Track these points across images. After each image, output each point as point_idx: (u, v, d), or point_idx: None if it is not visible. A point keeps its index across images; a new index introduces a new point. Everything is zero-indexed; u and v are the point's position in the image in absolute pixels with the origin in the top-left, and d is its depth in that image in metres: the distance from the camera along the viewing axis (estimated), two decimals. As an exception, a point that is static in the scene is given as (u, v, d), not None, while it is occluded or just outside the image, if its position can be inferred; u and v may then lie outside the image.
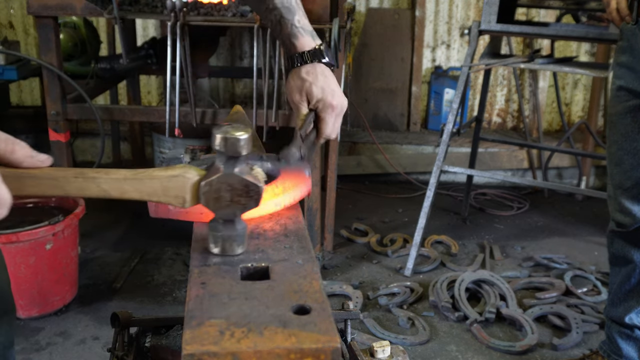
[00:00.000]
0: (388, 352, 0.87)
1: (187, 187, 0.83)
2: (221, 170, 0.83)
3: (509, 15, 3.11)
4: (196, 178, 0.83)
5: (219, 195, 0.83)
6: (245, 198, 0.84)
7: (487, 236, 3.61)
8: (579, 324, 2.61)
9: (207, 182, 0.83)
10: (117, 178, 0.81)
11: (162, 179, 0.82)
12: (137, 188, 0.82)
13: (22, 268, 2.48)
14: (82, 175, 0.80)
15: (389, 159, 4.32)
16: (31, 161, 0.77)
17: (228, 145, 0.81)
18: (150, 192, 0.83)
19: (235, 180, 0.83)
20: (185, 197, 0.83)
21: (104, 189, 0.81)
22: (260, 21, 2.66)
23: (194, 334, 0.70)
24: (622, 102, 2.03)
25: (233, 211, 0.85)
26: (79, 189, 0.80)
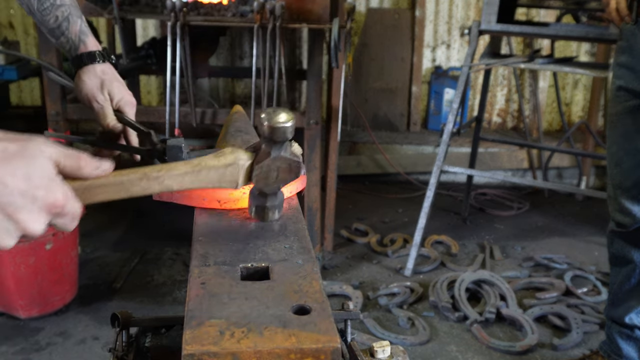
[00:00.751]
0: (388, 352, 0.87)
1: (240, 172, 0.91)
2: (271, 154, 0.91)
3: (509, 15, 3.11)
4: (248, 163, 0.91)
5: (267, 175, 0.92)
6: (289, 174, 0.93)
7: (487, 236, 3.61)
8: (579, 324, 2.61)
9: (259, 165, 0.91)
10: (178, 174, 0.86)
11: (218, 169, 0.89)
12: (196, 179, 0.87)
13: (22, 268, 2.48)
14: (146, 176, 0.85)
15: (389, 159, 4.32)
16: (97, 172, 0.80)
17: (279, 133, 0.89)
18: (207, 182, 0.89)
19: (282, 162, 0.92)
20: (238, 181, 0.91)
21: (166, 185, 0.86)
22: (260, 21, 2.66)
23: (194, 334, 0.70)
24: (622, 102, 2.03)
25: (278, 185, 0.95)
26: (144, 188, 0.85)
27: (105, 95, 1.23)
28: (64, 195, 0.72)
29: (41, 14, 1.24)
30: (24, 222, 0.68)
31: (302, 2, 2.69)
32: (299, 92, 4.56)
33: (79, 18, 1.26)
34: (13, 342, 2.47)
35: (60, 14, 1.24)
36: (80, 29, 1.25)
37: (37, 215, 0.69)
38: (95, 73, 1.23)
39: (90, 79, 1.23)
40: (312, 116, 2.90)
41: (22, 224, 0.68)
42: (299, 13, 2.71)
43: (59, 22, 1.24)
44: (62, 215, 0.73)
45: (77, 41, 1.25)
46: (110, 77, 1.24)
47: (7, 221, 0.67)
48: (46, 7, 1.24)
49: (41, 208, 0.69)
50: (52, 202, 0.70)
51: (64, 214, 0.73)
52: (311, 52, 2.89)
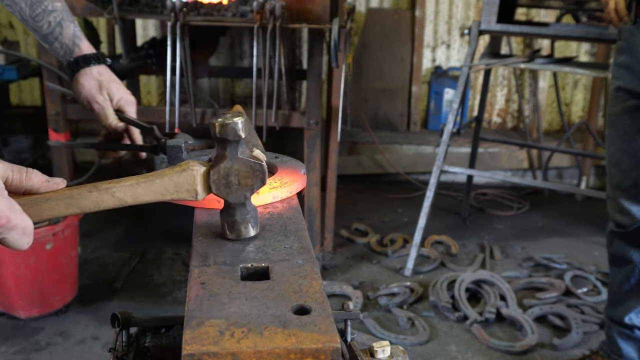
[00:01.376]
0: (388, 352, 0.87)
1: (197, 179, 0.87)
2: (226, 156, 0.87)
3: (509, 15, 3.11)
4: (203, 169, 0.87)
5: (227, 181, 0.88)
6: (252, 179, 0.88)
7: (487, 236, 3.61)
8: (579, 324, 2.61)
9: (215, 169, 0.87)
10: (130, 184, 0.84)
11: (172, 176, 0.86)
12: (150, 190, 0.85)
13: (22, 268, 2.48)
14: (96, 188, 0.82)
15: (389, 159, 4.32)
16: (47, 186, 0.80)
17: (228, 130, 0.85)
18: (163, 191, 0.86)
19: (240, 163, 0.87)
20: (197, 189, 0.87)
21: (119, 198, 0.84)
22: (260, 21, 2.66)
23: (194, 334, 0.70)
24: (621, 102, 2.03)
25: (243, 194, 0.89)
26: (95, 202, 0.83)
27: (104, 95, 1.24)
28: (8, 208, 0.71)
29: (34, 21, 1.24)
30: None
31: (302, 2, 2.69)
32: (299, 92, 4.56)
33: (72, 23, 1.26)
34: (13, 342, 2.47)
35: (52, 19, 1.24)
36: (73, 33, 1.26)
37: None
38: (92, 75, 1.24)
39: (88, 82, 1.24)
40: (312, 116, 2.90)
41: None
42: (299, 13, 2.71)
43: (52, 27, 1.24)
44: (7, 229, 0.72)
45: (71, 45, 1.25)
46: (108, 78, 1.25)
47: None
48: (38, 13, 1.24)
49: None
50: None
51: (9, 228, 0.72)
52: (311, 52, 2.89)
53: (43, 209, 0.80)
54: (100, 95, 1.24)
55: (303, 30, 4.27)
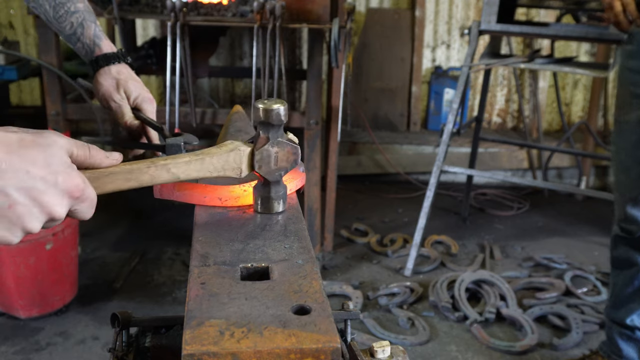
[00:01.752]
0: (388, 352, 0.87)
1: (243, 158, 0.94)
2: (268, 139, 0.95)
3: (509, 15, 3.11)
4: (249, 149, 0.95)
5: (268, 161, 0.95)
6: (287, 160, 0.97)
7: (487, 236, 3.61)
8: (579, 324, 2.62)
9: (259, 150, 0.94)
10: (184, 161, 0.89)
11: (221, 155, 0.92)
12: (201, 167, 0.91)
13: (22, 268, 2.48)
14: (154, 164, 0.87)
15: (389, 159, 4.32)
16: (108, 161, 0.83)
17: (273, 115, 0.93)
18: (212, 169, 0.92)
19: (280, 146, 0.96)
20: (242, 167, 0.95)
21: (173, 173, 0.88)
22: (260, 21, 2.66)
23: (194, 334, 0.70)
24: (636, 110, 1.99)
25: (279, 172, 0.97)
26: (152, 177, 0.87)
27: (121, 94, 1.25)
28: (83, 180, 0.75)
29: (57, 22, 1.28)
30: (48, 205, 0.71)
31: (302, 2, 2.69)
32: (299, 92, 4.56)
33: (93, 22, 1.28)
34: (13, 342, 2.47)
35: (75, 20, 1.27)
36: (94, 33, 1.28)
37: (60, 199, 0.72)
38: (110, 74, 1.26)
39: (106, 80, 1.25)
40: (312, 116, 2.90)
41: (47, 207, 0.71)
42: (299, 13, 2.71)
43: (74, 28, 1.27)
44: (81, 200, 0.76)
45: (92, 45, 1.28)
46: (126, 77, 1.27)
47: (32, 205, 0.70)
48: (61, 14, 1.26)
49: (63, 192, 0.72)
50: (72, 186, 0.73)
51: (83, 199, 0.76)
52: (311, 52, 2.89)
53: (105, 182, 0.84)
54: (118, 93, 1.25)
55: (303, 30, 4.27)
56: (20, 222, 0.70)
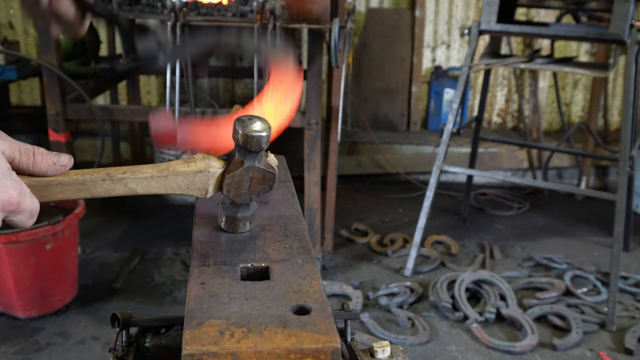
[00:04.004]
0: (388, 352, 0.87)
1: (211, 180, 0.88)
2: (243, 164, 0.87)
3: (509, 15, 3.11)
4: (219, 171, 0.88)
5: (239, 185, 0.89)
6: (262, 185, 0.90)
7: (487, 236, 3.61)
8: (578, 324, 2.62)
9: (231, 175, 0.87)
10: (144, 177, 0.84)
11: (187, 175, 0.86)
12: (162, 184, 0.85)
13: (22, 268, 2.48)
14: (110, 177, 0.82)
15: (389, 159, 4.31)
16: (55, 168, 0.78)
17: (253, 142, 0.85)
18: (175, 187, 0.86)
19: (255, 172, 0.88)
20: (208, 189, 0.88)
21: (131, 188, 0.84)
22: (260, 21, 2.66)
23: (194, 334, 0.70)
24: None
25: (250, 196, 0.91)
26: (107, 190, 0.83)
27: None
28: (19, 192, 0.71)
29: None
30: None
31: (302, 2, 2.69)
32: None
33: None
34: (13, 342, 2.47)
35: None
36: None
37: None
38: None
39: None
40: (312, 116, 2.90)
41: None
42: (299, 13, 2.71)
43: None
44: (17, 212, 0.71)
45: None
46: None
47: None
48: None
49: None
50: (5, 199, 0.69)
51: (19, 212, 0.72)
52: (311, 52, 2.89)
53: (53, 191, 0.79)
54: None
55: (303, 30, 4.27)
56: None
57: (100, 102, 4.20)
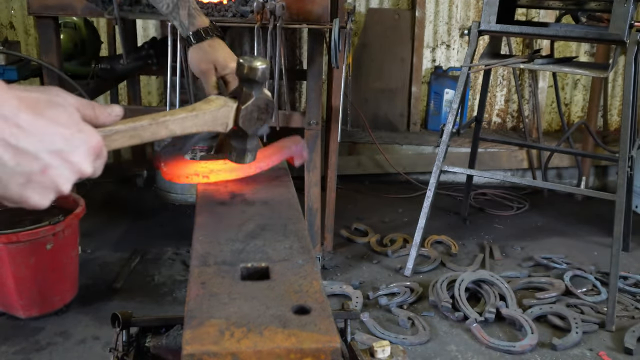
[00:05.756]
0: (388, 352, 0.88)
1: (230, 114, 1.00)
2: (252, 95, 1.00)
3: (509, 15, 3.11)
4: (235, 105, 1.01)
5: (252, 116, 1.02)
6: (265, 114, 1.03)
7: (487, 236, 3.61)
8: (578, 324, 2.62)
9: (245, 106, 1.00)
10: (180, 117, 0.93)
11: (212, 112, 0.97)
12: (195, 123, 0.95)
13: (22, 268, 2.48)
14: (155, 121, 0.90)
15: (389, 159, 4.32)
16: (111, 118, 0.83)
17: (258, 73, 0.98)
18: (203, 124, 0.97)
19: (262, 102, 1.02)
20: (228, 123, 1.00)
21: (171, 129, 0.92)
22: (260, 22, 2.66)
23: (194, 334, 0.70)
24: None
25: (256, 126, 1.03)
26: (152, 133, 0.90)
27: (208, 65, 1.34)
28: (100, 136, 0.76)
29: (155, 2, 1.41)
30: (78, 164, 0.71)
31: (302, 2, 2.69)
32: (299, 92, 4.56)
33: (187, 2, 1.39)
34: (13, 342, 2.47)
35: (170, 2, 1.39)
36: (188, 12, 1.39)
37: (86, 156, 0.73)
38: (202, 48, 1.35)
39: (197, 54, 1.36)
40: (312, 116, 2.90)
41: (77, 166, 0.71)
42: (299, 13, 2.71)
43: (170, 9, 1.39)
44: (100, 156, 0.76)
45: (187, 24, 1.38)
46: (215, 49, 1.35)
47: (64, 167, 0.70)
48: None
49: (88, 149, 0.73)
50: (94, 143, 0.74)
51: (102, 155, 0.77)
52: (311, 53, 2.89)
53: (111, 140, 0.85)
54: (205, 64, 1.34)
55: (303, 31, 4.27)
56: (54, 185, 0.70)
57: (100, 102, 4.19)
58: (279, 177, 1.18)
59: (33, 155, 0.67)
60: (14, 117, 0.66)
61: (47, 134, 0.68)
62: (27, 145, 0.66)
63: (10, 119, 0.65)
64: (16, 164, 0.66)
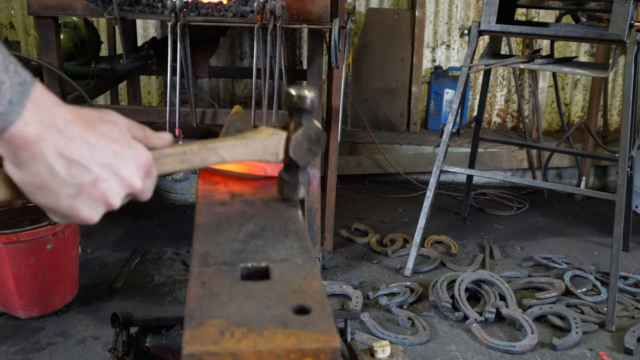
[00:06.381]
0: (388, 352, 0.88)
1: (280, 143, 0.97)
2: (302, 124, 0.98)
3: (509, 15, 3.11)
4: (285, 134, 0.98)
5: (301, 147, 0.98)
6: (316, 145, 1.00)
7: (487, 236, 3.61)
8: (578, 324, 2.62)
9: (295, 135, 0.97)
10: (230, 145, 0.93)
11: (262, 140, 0.95)
12: (244, 151, 0.94)
13: (22, 268, 2.48)
14: (205, 146, 0.90)
15: (389, 159, 4.32)
16: (161, 142, 0.84)
17: (307, 101, 0.96)
18: (253, 152, 0.95)
19: (312, 131, 0.99)
20: (278, 153, 0.97)
21: (221, 156, 0.92)
22: (260, 22, 2.66)
23: (194, 334, 0.70)
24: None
25: (308, 158, 1.00)
26: (203, 159, 0.90)
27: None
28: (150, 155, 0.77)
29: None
30: (128, 178, 0.73)
31: (302, 2, 2.69)
32: (299, 92, 4.55)
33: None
34: (13, 342, 2.47)
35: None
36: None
37: (136, 172, 0.74)
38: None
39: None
40: (312, 116, 2.89)
41: (127, 181, 0.73)
42: (299, 13, 2.71)
43: None
44: (151, 175, 0.78)
45: None
46: None
47: (114, 180, 0.72)
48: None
49: (138, 165, 0.75)
50: (144, 160, 0.76)
51: (152, 175, 0.78)
52: (311, 53, 2.89)
53: (162, 163, 0.85)
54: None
55: (303, 31, 4.27)
56: (104, 198, 0.71)
57: (100, 102, 4.20)
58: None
59: (84, 167, 0.68)
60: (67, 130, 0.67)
61: (98, 147, 0.69)
62: (79, 157, 0.68)
63: (64, 131, 0.67)
64: (68, 174, 0.68)
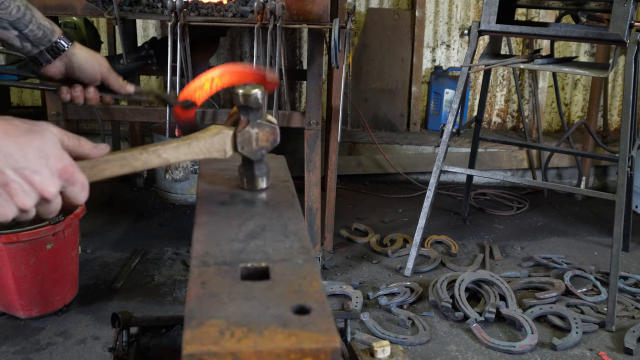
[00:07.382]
0: (388, 352, 0.88)
1: (226, 140, 1.02)
2: (249, 121, 1.02)
3: (509, 15, 3.11)
4: (232, 132, 1.02)
5: (250, 141, 1.03)
6: (267, 140, 1.04)
7: (487, 236, 3.61)
8: (578, 324, 2.62)
9: (241, 133, 1.02)
10: (173, 146, 0.97)
11: (206, 139, 1.00)
12: (189, 151, 0.99)
13: (22, 268, 2.48)
14: (146, 150, 0.94)
15: (389, 159, 4.32)
16: (96, 152, 0.90)
17: (251, 100, 1.01)
18: (198, 152, 1.00)
19: (260, 127, 1.03)
20: (226, 149, 1.02)
21: (164, 158, 0.96)
22: (260, 22, 2.66)
23: (194, 334, 0.70)
24: None
25: (261, 152, 1.05)
26: (144, 162, 0.94)
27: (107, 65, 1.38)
28: (72, 164, 0.83)
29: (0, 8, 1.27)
30: (40, 183, 0.79)
31: (302, 2, 2.69)
32: (299, 92, 4.56)
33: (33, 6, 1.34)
34: (13, 342, 2.47)
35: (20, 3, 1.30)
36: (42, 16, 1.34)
37: (50, 179, 0.80)
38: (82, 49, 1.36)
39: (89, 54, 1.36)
40: (312, 116, 2.90)
41: (38, 186, 0.79)
42: (299, 13, 2.71)
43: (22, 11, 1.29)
44: (72, 182, 0.83)
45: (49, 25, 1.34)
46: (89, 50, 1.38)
47: (25, 184, 0.78)
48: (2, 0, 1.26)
49: (53, 173, 0.80)
50: (62, 167, 0.81)
51: (73, 182, 0.83)
52: (311, 53, 2.89)
53: (102, 169, 0.90)
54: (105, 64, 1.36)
55: (303, 31, 4.27)
56: (14, 199, 0.78)
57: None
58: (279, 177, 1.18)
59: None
60: None
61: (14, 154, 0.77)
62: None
63: None
64: None
